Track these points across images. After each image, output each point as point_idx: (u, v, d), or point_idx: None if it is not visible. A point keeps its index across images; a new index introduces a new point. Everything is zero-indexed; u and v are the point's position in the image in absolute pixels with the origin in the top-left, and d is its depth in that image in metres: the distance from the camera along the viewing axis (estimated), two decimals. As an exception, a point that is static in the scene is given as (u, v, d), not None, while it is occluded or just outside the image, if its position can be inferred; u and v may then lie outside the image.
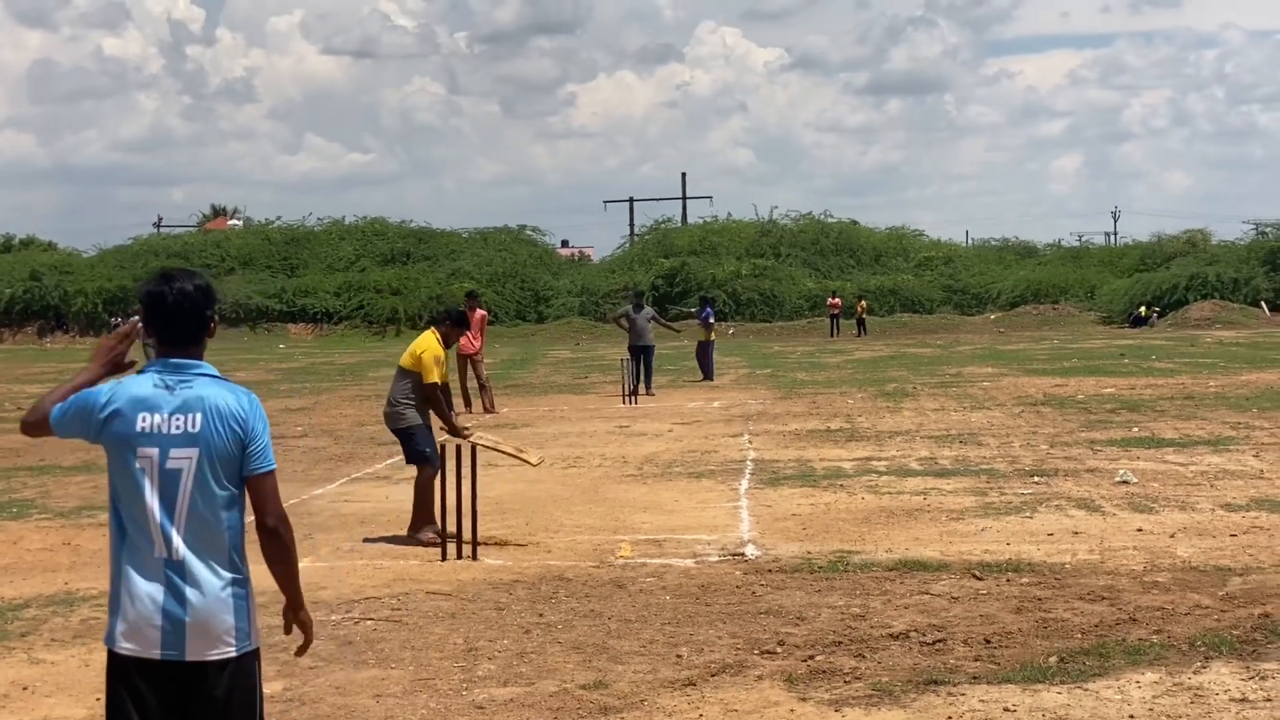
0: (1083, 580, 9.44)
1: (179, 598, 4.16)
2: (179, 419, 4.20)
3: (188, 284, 4.33)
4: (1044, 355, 37.94)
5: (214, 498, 4.21)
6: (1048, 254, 77.23)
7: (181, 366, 4.29)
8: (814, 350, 45.33)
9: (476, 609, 9.04)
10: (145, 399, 4.23)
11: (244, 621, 4.25)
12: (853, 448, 17.18)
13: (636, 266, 68.84)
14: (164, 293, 4.31)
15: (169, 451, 4.19)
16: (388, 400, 11.93)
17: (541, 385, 30.72)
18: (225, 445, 4.22)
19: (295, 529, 12.17)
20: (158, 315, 4.32)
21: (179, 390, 4.24)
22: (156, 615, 4.16)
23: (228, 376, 4.35)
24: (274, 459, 4.33)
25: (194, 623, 4.16)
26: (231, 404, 4.25)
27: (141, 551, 4.21)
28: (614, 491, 14.06)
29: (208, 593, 4.18)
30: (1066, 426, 19.04)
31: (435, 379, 11.64)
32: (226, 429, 4.22)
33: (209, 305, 4.36)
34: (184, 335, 4.33)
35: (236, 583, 4.25)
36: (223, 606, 4.20)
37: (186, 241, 75.74)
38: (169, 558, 4.18)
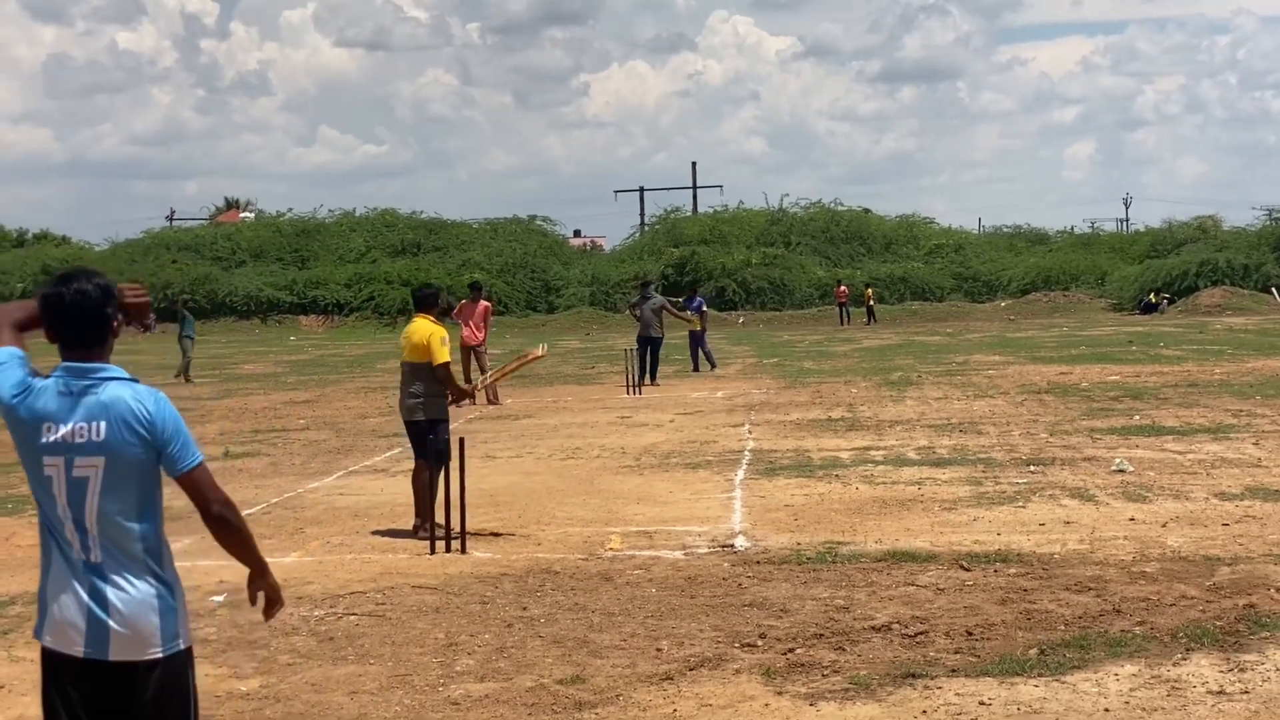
0: (1070, 571, 9.39)
1: (100, 600, 4.13)
2: (83, 428, 4.14)
3: (86, 284, 4.25)
4: (1052, 343, 37.86)
5: (124, 504, 4.17)
6: (1059, 241, 77.02)
7: (85, 371, 4.21)
8: (823, 339, 45.27)
9: (461, 603, 9.02)
10: (48, 410, 4.17)
11: (170, 623, 4.21)
12: (852, 437, 17.14)
13: (646, 256, 68.82)
14: (61, 294, 4.23)
15: (74, 461, 4.14)
16: (405, 394, 11.75)
17: (548, 376, 30.68)
18: (134, 451, 4.16)
19: (288, 524, 12.20)
20: (57, 318, 4.24)
21: (84, 397, 4.17)
22: (80, 616, 4.13)
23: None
24: (198, 451, 4.28)
25: (117, 625, 4.13)
26: (137, 408, 4.17)
27: (62, 551, 4.19)
28: (609, 483, 14.04)
29: (129, 596, 4.15)
30: (1068, 415, 18.99)
31: (446, 358, 11.63)
32: (134, 435, 4.15)
33: (109, 304, 4.27)
34: (86, 336, 4.24)
35: (159, 584, 4.21)
36: (146, 609, 4.16)
37: (198, 234, 75.77)
38: (87, 560, 4.16)
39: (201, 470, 4.26)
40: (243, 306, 64.56)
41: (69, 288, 4.24)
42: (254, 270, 67.81)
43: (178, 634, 4.23)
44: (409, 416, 11.68)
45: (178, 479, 4.24)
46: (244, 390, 28.37)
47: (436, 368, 11.53)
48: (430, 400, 11.56)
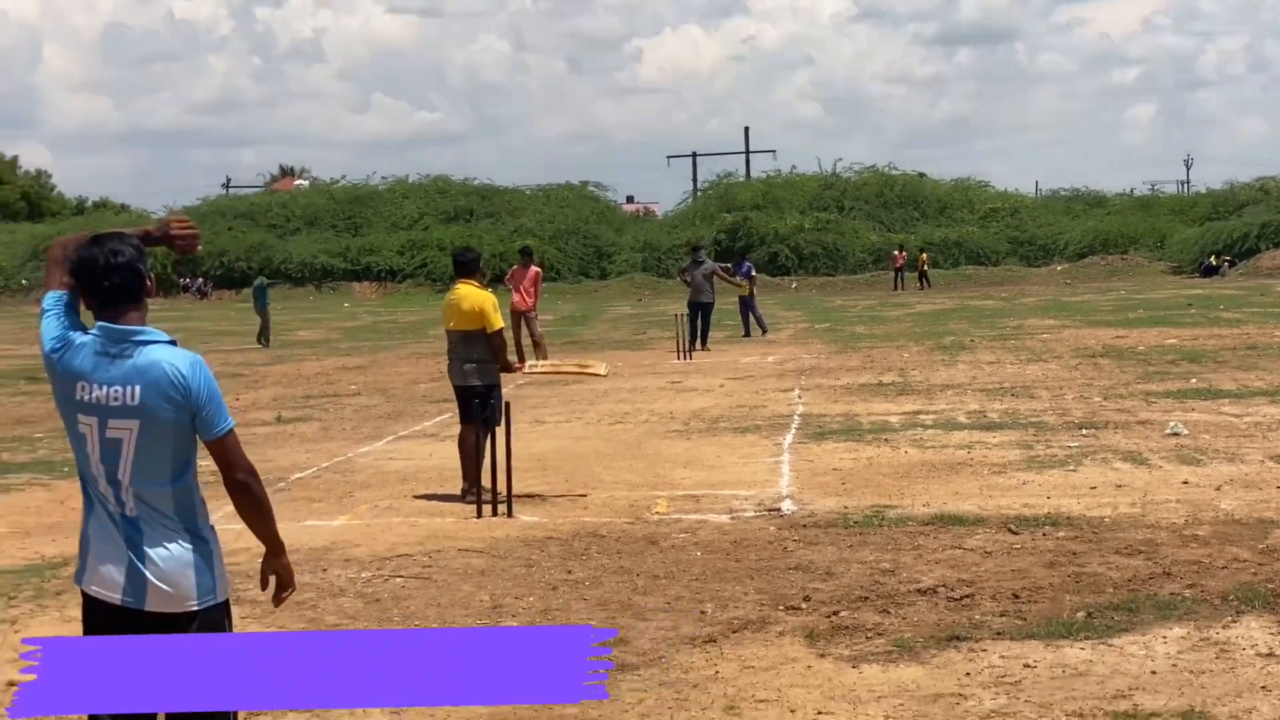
0: (1120, 534, 9.31)
1: (137, 552, 4.18)
2: (118, 390, 4.16)
3: (119, 244, 4.26)
4: (1109, 307, 37.55)
5: (158, 466, 4.20)
6: (1117, 203, 76.18)
7: (123, 334, 4.21)
8: (876, 304, 45.09)
9: (507, 566, 9.03)
10: (84, 369, 4.20)
11: (206, 576, 4.25)
12: (902, 401, 17.06)
13: (699, 221, 68.66)
14: (95, 255, 4.23)
15: (108, 422, 4.17)
16: (458, 359, 11.71)
17: (599, 341, 30.71)
18: (168, 415, 4.17)
19: (337, 488, 12.25)
20: (92, 280, 4.24)
21: (120, 359, 4.18)
22: (118, 565, 4.19)
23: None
24: (230, 417, 4.29)
25: (154, 578, 4.18)
26: (172, 373, 4.18)
27: (100, 502, 4.24)
28: (657, 447, 14.02)
29: (165, 552, 4.20)
30: (1123, 378, 18.82)
31: (501, 324, 11.63)
32: (168, 399, 4.17)
33: (142, 262, 4.28)
34: (120, 296, 4.24)
35: (195, 540, 4.26)
36: (182, 564, 4.21)
37: (253, 202, 76.22)
38: (124, 513, 4.20)
39: (231, 437, 4.29)
40: (297, 273, 64.87)
41: (103, 248, 4.25)
42: (308, 237, 68.12)
43: (214, 588, 4.28)
44: (463, 381, 11.64)
45: (208, 443, 4.27)
46: (297, 356, 28.52)
47: (493, 334, 11.52)
48: (485, 365, 11.55)
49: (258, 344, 31.46)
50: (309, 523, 10.64)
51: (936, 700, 6.11)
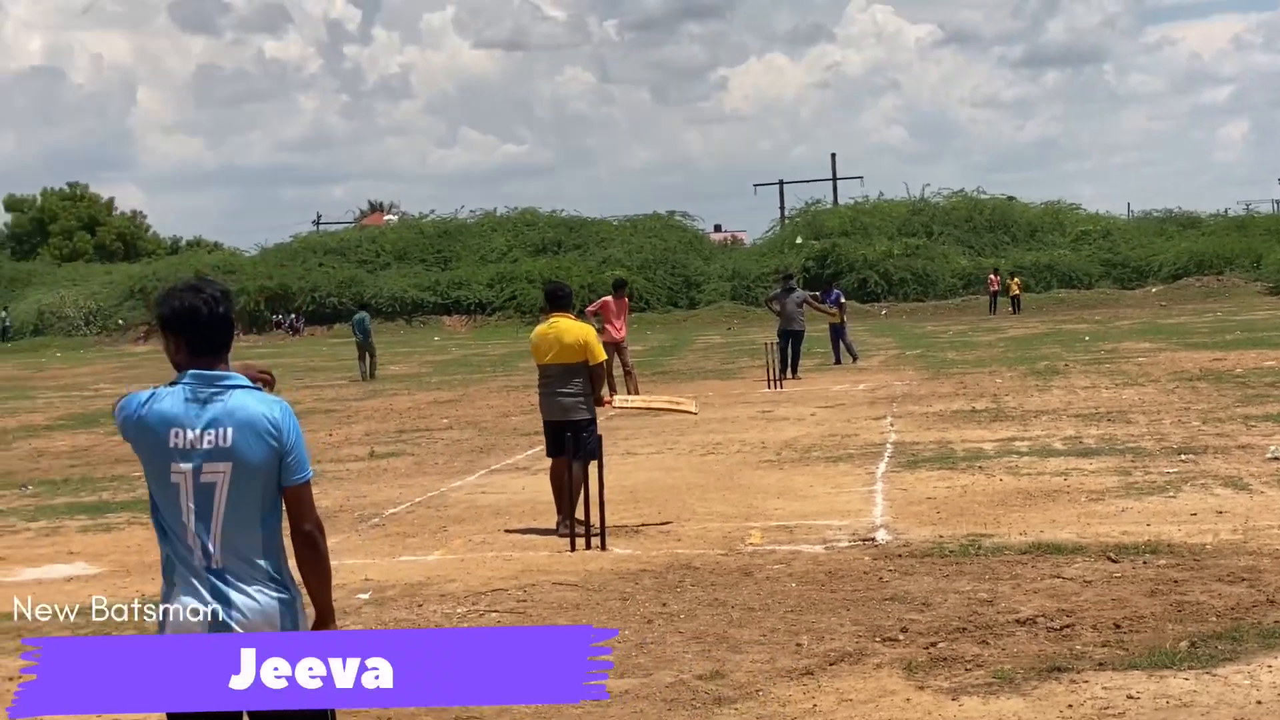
0: (1223, 561, 9.16)
1: (223, 604, 4.19)
2: (210, 434, 4.20)
3: (215, 291, 4.34)
4: (1205, 329, 37.03)
5: (250, 511, 4.23)
6: (1212, 224, 74.99)
7: (212, 379, 4.27)
8: (967, 329, 44.75)
9: (601, 599, 9.03)
10: (176, 415, 4.23)
11: (289, 625, 4.27)
12: (996, 428, 16.91)
13: (787, 249, 68.48)
14: (198, 305, 4.30)
15: (202, 466, 4.20)
16: (556, 394, 11.63)
17: (689, 371, 30.71)
18: (259, 457, 4.22)
19: (431, 522, 12.34)
20: (191, 327, 4.30)
21: (211, 403, 4.23)
22: (202, 620, 4.18)
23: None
24: (310, 468, 4.35)
25: (239, 630, 4.18)
26: (264, 415, 4.24)
27: (185, 557, 4.24)
28: (750, 477, 13.99)
29: (251, 601, 4.21)
30: (1221, 402, 18.54)
31: (604, 356, 11.68)
32: (260, 441, 4.22)
33: (232, 312, 4.39)
34: (217, 343, 4.32)
35: (280, 589, 4.28)
36: (267, 614, 4.22)
37: (343, 238, 76.86)
38: (209, 566, 4.21)
39: (308, 487, 4.34)
40: (388, 308, 65.32)
41: (202, 296, 4.32)
42: (398, 272, 68.62)
43: None
44: (562, 416, 11.55)
45: (286, 489, 4.30)
46: (389, 391, 28.73)
47: (595, 366, 11.55)
48: (585, 399, 11.57)
49: (360, 379, 31.66)
50: (404, 558, 10.70)
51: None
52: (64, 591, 10.10)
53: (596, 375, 11.61)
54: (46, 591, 10.10)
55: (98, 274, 75.16)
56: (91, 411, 26.36)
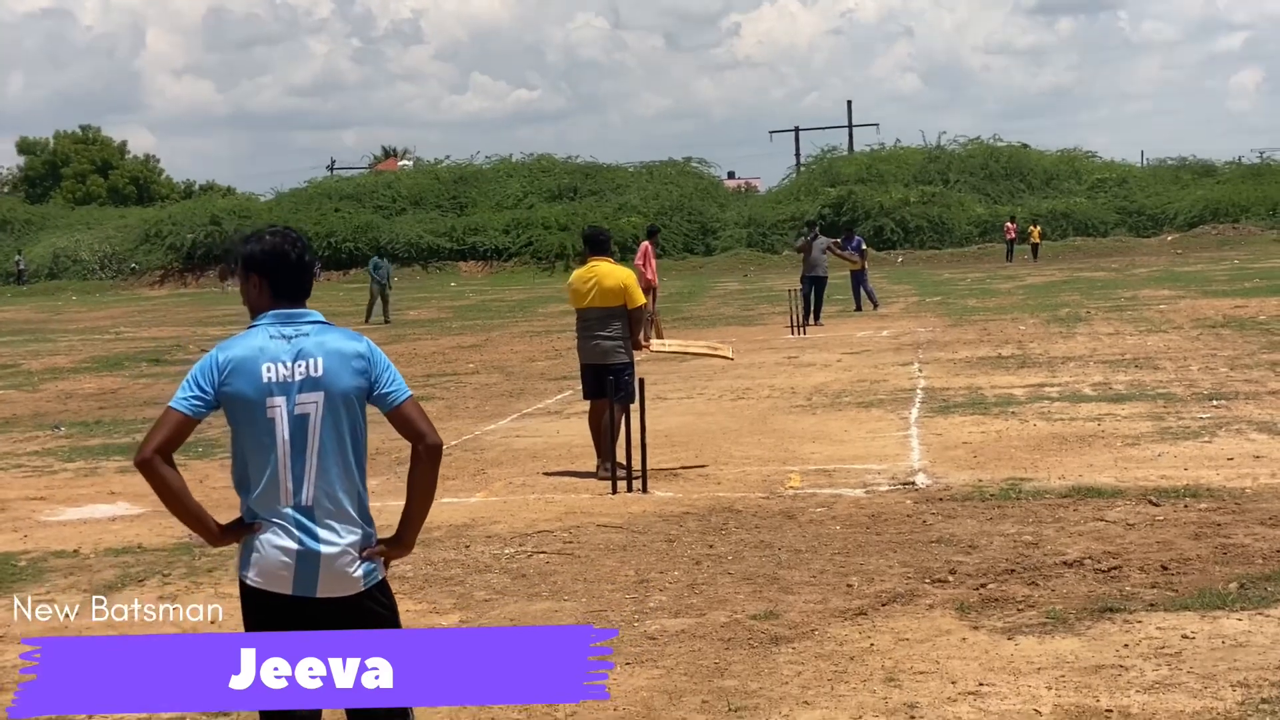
0: (1264, 505, 9.22)
1: (311, 541, 4.27)
2: (301, 365, 4.29)
3: (302, 240, 4.50)
4: (1223, 276, 36.98)
5: (343, 439, 4.32)
6: (1227, 172, 74.63)
7: (293, 316, 4.38)
8: (985, 277, 44.70)
9: (647, 541, 9.11)
10: (265, 350, 4.31)
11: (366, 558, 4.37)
12: (1024, 374, 16.95)
13: (803, 196, 68.27)
14: (287, 251, 4.43)
15: (295, 398, 4.28)
16: (596, 337, 11.67)
17: (709, 318, 30.74)
18: (350, 386, 4.31)
19: (470, 465, 12.41)
20: (281, 271, 4.42)
21: (296, 339, 4.33)
22: (288, 556, 4.27)
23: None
24: (408, 389, 4.41)
25: (326, 564, 4.28)
26: (349, 346, 4.35)
27: (270, 500, 4.31)
28: (783, 422, 14.05)
29: (338, 535, 4.30)
30: (1247, 348, 18.57)
31: (644, 300, 11.71)
32: (349, 370, 4.31)
33: (315, 261, 4.57)
34: (303, 289, 4.46)
35: (362, 523, 4.37)
36: (353, 546, 4.32)
37: (358, 183, 76.73)
38: (299, 503, 4.28)
39: (414, 403, 4.41)
40: (404, 253, 65.29)
41: (294, 244, 4.46)
42: (414, 218, 68.54)
43: (377, 566, 4.41)
44: (601, 360, 11.62)
45: (392, 415, 4.38)
46: (412, 336, 28.82)
47: (634, 310, 11.58)
48: (624, 342, 11.63)
49: (367, 323, 31.78)
50: (446, 500, 10.77)
51: (1098, 671, 6.11)
52: (110, 530, 10.21)
53: (635, 319, 11.64)
54: (93, 531, 10.22)
55: (111, 218, 75.12)
56: (115, 354, 26.48)
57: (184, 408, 4.31)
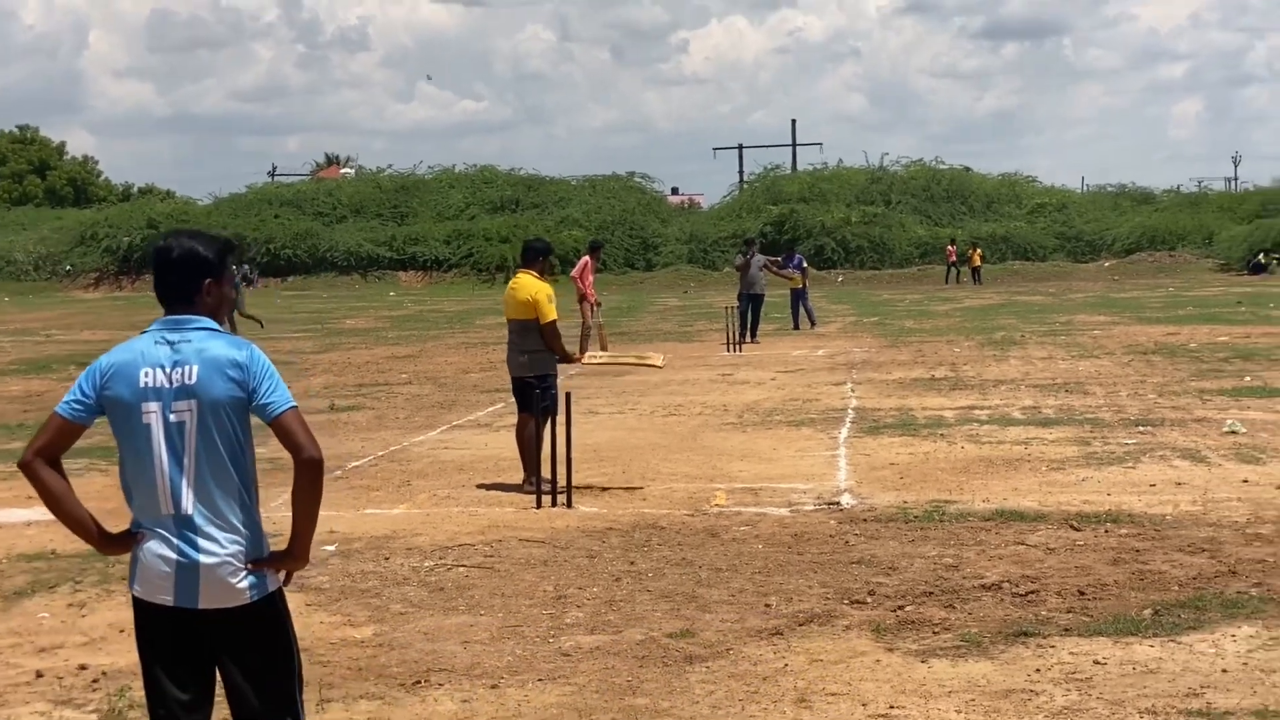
0: (1183, 532, 9.27)
1: (191, 551, 4.19)
2: (178, 372, 4.21)
3: (189, 241, 4.36)
4: (1158, 303, 37.32)
5: (218, 449, 4.22)
6: (1165, 200, 75.54)
7: (180, 323, 4.29)
8: (923, 298, 44.93)
9: (568, 556, 9.06)
10: (146, 355, 4.24)
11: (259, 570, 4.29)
12: (956, 396, 17.02)
13: (745, 214, 68.49)
14: (168, 248, 4.35)
15: (171, 405, 4.20)
16: (514, 350, 11.71)
17: (648, 333, 30.74)
18: (224, 395, 4.21)
19: (395, 476, 12.31)
20: (159, 272, 4.36)
21: (178, 345, 4.24)
22: (169, 566, 4.19)
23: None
24: (291, 397, 4.30)
25: (207, 574, 4.19)
26: (227, 354, 4.24)
27: (151, 509, 4.24)
28: (713, 439, 14.04)
29: (219, 545, 4.21)
30: (1176, 375, 18.72)
31: (554, 316, 11.63)
32: (224, 378, 4.21)
33: (208, 266, 4.35)
34: (182, 293, 4.33)
35: (248, 531, 4.28)
36: (235, 557, 4.23)
37: (299, 190, 76.38)
38: (177, 513, 4.20)
39: (295, 414, 4.29)
40: (343, 262, 65.08)
41: (174, 245, 4.37)
42: (354, 226, 68.26)
43: (266, 578, 4.31)
44: (519, 372, 11.67)
45: (271, 422, 4.27)
46: (346, 345, 28.64)
47: (545, 325, 11.52)
48: (540, 355, 11.57)
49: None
50: (368, 511, 10.72)
51: (1008, 695, 6.11)
52: (25, 536, 10.07)
53: (546, 334, 11.54)
54: (6, 536, 10.08)
55: (48, 219, 74.44)
56: (44, 357, 26.19)
57: (65, 412, 4.26)
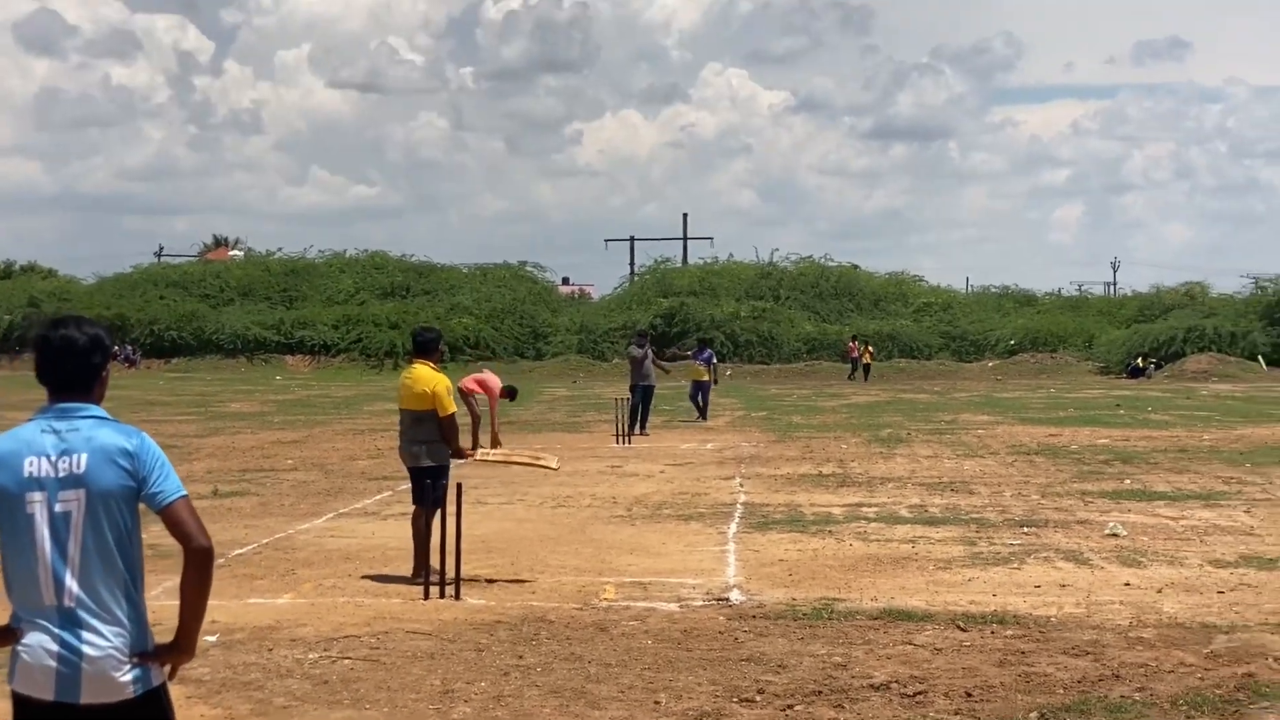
0: (1067, 634, 9.37)
1: (71, 645, 4.11)
2: (65, 461, 4.15)
3: (75, 330, 4.31)
4: (1040, 404, 37.89)
5: (105, 539, 4.16)
6: (1047, 302, 77.11)
7: (68, 411, 4.24)
8: (811, 394, 45.26)
9: (456, 649, 8.96)
10: (31, 444, 4.18)
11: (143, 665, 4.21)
12: (844, 493, 17.13)
13: (635, 306, 68.88)
14: (50, 337, 4.29)
15: (57, 495, 4.13)
16: (408, 440, 11.62)
17: (536, 423, 30.66)
18: (114, 485, 4.16)
19: (279, 565, 12.13)
20: (45, 360, 4.30)
21: (66, 434, 4.19)
22: (50, 660, 4.11)
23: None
24: (182, 486, 4.26)
25: (89, 669, 4.11)
26: (116, 443, 4.19)
27: (34, 600, 4.15)
28: (602, 532, 14.00)
29: (103, 638, 4.13)
30: (1059, 477, 18.98)
31: (454, 409, 11.56)
32: (114, 468, 4.16)
33: (97, 353, 4.32)
34: (70, 381, 4.29)
35: (132, 624, 4.20)
36: (120, 650, 4.15)
37: (186, 271, 75.78)
38: (60, 605, 4.13)
39: (185, 503, 4.24)
40: (229, 344, 64.49)
41: (57, 332, 4.30)
42: (242, 309, 67.78)
43: (150, 672, 4.23)
44: (413, 463, 11.59)
45: (161, 512, 4.21)
46: (231, 429, 28.28)
47: (444, 418, 11.46)
48: (434, 446, 11.50)
49: None
50: (252, 600, 10.54)
51: (897, 798, 6.11)
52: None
53: (445, 426, 11.50)
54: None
55: (-73, 293, 73.05)
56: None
57: None
